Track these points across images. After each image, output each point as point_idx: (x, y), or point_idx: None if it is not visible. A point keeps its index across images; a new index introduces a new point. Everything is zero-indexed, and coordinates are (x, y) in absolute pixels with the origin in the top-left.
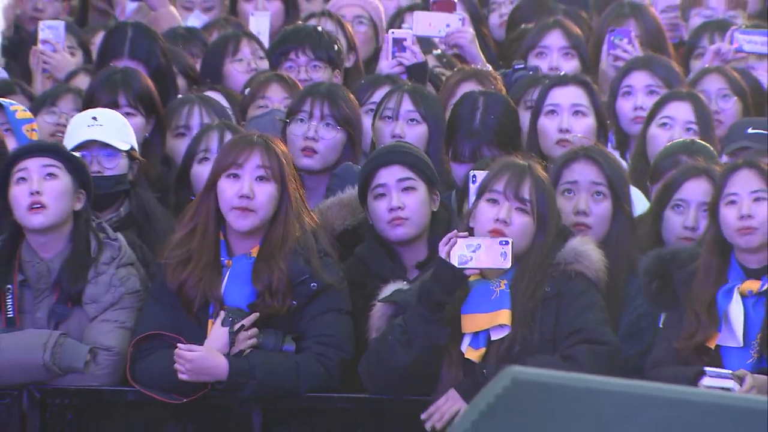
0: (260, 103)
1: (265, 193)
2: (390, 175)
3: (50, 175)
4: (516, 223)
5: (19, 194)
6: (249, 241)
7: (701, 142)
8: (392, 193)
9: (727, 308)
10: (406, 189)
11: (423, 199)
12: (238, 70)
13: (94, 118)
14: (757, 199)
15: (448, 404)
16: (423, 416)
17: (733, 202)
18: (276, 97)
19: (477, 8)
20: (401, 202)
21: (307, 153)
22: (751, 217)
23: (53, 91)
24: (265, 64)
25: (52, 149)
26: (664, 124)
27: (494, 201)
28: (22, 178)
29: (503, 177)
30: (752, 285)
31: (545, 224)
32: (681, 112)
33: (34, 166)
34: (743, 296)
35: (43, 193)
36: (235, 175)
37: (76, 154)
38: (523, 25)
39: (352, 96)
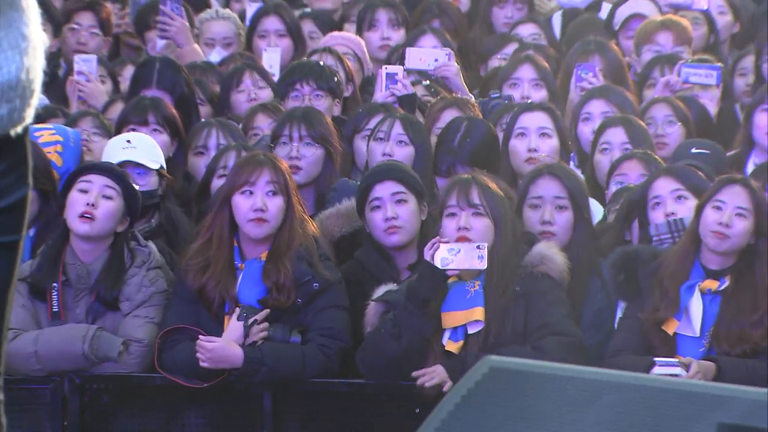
0: (252, 132)
1: (276, 206)
2: (385, 190)
3: (107, 195)
4: (476, 227)
5: (75, 201)
6: (259, 246)
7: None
8: (387, 205)
9: (688, 302)
10: (399, 201)
11: (414, 210)
12: (240, 100)
13: (129, 141)
14: (739, 214)
15: (437, 371)
16: (414, 374)
17: (718, 208)
18: (263, 125)
19: None
20: (395, 213)
21: (293, 170)
22: (729, 226)
23: (75, 115)
24: (265, 94)
25: (116, 173)
26: (604, 150)
27: (452, 214)
28: (84, 190)
29: (454, 191)
30: (711, 284)
31: (500, 223)
32: (616, 136)
33: (97, 182)
34: (703, 293)
35: (97, 208)
36: (249, 192)
37: (136, 186)
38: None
39: (325, 116)
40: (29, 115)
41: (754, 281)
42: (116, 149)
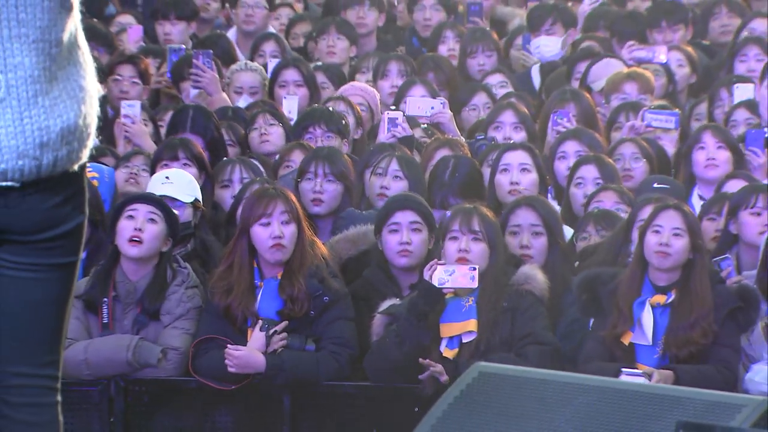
0: (286, 164)
1: (290, 232)
2: (404, 217)
3: (152, 219)
4: (474, 250)
5: (124, 227)
6: (276, 267)
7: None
8: (403, 230)
9: (641, 315)
10: (414, 230)
11: (424, 239)
12: (254, 137)
13: (167, 178)
14: (676, 234)
15: (440, 367)
16: (422, 361)
17: (657, 232)
18: (297, 160)
19: None
20: (409, 238)
21: (316, 203)
22: (668, 245)
23: (128, 153)
24: (275, 130)
25: (158, 201)
26: (578, 184)
27: (455, 238)
28: (131, 216)
29: (457, 218)
30: (660, 298)
31: (495, 248)
32: (589, 172)
33: (142, 209)
34: (653, 307)
35: (143, 231)
36: (267, 222)
37: (175, 211)
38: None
39: (346, 156)
40: (85, 155)
41: (694, 291)
42: (157, 185)
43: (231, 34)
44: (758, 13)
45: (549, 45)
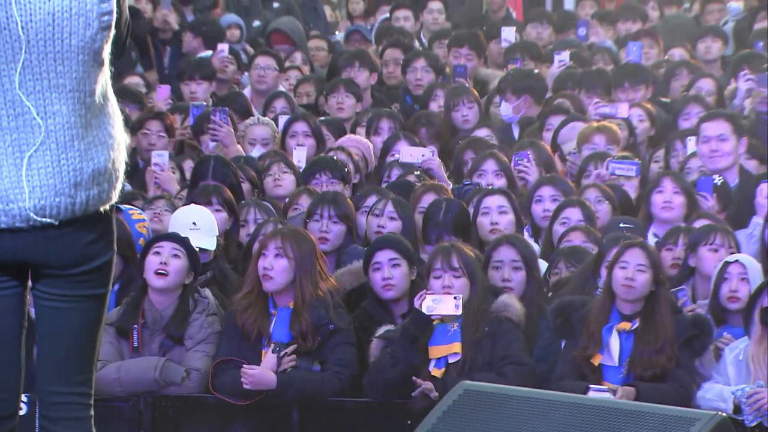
0: (295, 206)
1: (281, 266)
2: (383, 256)
3: (176, 255)
4: (456, 285)
5: (152, 262)
6: (285, 296)
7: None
8: (384, 267)
9: (608, 340)
10: (394, 265)
11: (405, 273)
12: (269, 182)
13: (194, 223)
14: (640, 270)
15: (430, 386)
16: (415, 379)
17: (624, 267)
18: (305, 203)
19: None
20: (390, 274)
21: (322, 241)
22: (633, 280)
23: (153, 197)
24: (287, 177)
25: (181, 239)
26: (563, 223)
27: (438, 276)
28: (157, 252)
29: (438, 257)
30: (625, 325)
31: (474, 280)
32: (573, 214)
33: (167, 246)
34: (619, 332)
35: (168, 265)
36: (264, 255)
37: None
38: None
39: (349, 200)
40: (115, 196)
41: (657, 320)
42: (184, 228)
43: (246, 92)
44: (704, 73)
45: (505, 110)
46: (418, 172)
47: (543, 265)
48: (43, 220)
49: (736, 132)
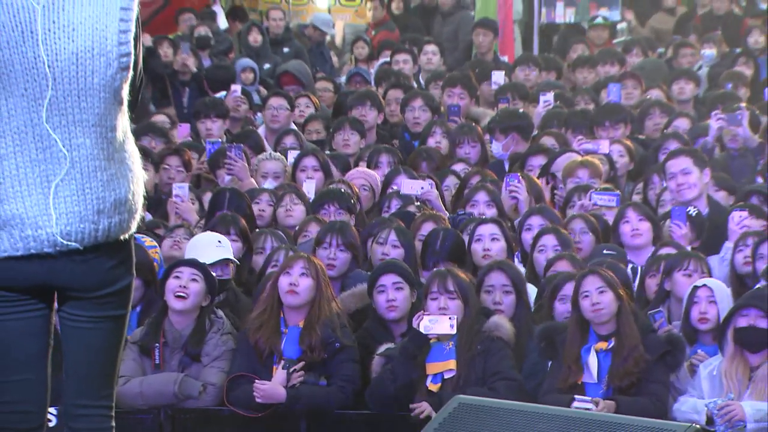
0: (304, 234)
1: (306, 283)
2: (388, 279)
3: (194, 279)
4: (451, 307)
5: (172, 285)
6: (297, 315)
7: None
8: (388, 290)
9: (587, 359)
10: (397, 288)
11: (407, 296)
12: (281, 212)
13: (219, 242)
14: (601, 291)
15: (425, 406)
16: (412, 406)
17: (587, 296)
18: (313, 231)
19: None
20: (394, 296)
21: (329, 268)
22: (599, 303)
23: (172, 227)
24: (298, 208)
25: (199, 265)
26: (541, 251)
27: (435, 298)
28: (177, 276)
29: (435, 281)
30: (602, 345)
31: (468, 302)
32: (549, 241)
33: (186, 271)
34: (597, 351)
35: (187, 289)
36: (288, 273)
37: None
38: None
39: (354, 229)
40: (134, 226)
41: (624, 330)
42: (210, 247)
43: (261, 130)
44: (681, 113)
45: (496, 148)
46: (419, 203)
47: (530, 288)
48: (69, 244)
49: (698, 164)
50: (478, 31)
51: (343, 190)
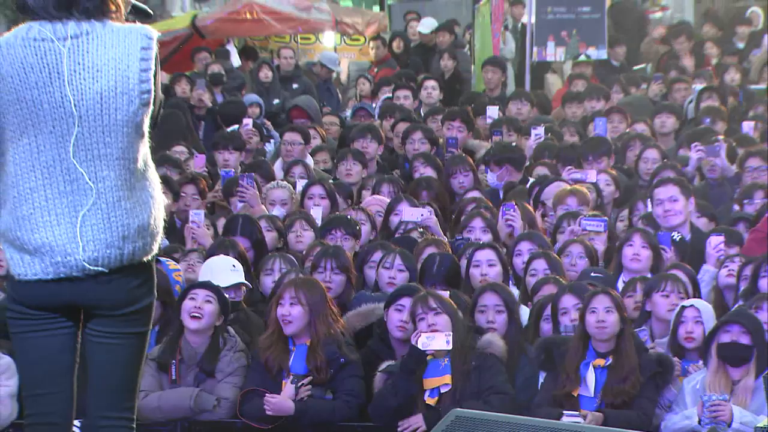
0: (310, 258)
1: (297, 311)
2: (408, 301)
3: (208, 300)
4: (439, 321)
5: (187, 306)
6: (303, 336)
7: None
8: (405, 311)
9: (585, 374)
10: None
11: None
12: (292, 237)
13: (234, 266)
14: (608, 311)
15: (415, 420)
16: (400, 423)
17: (594, 312)
18: None
19: None
20: (408, 318)
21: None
22: (603, 321)
23: (187, 251)
24: (308, 233)
25: (213, 287)
26: (532, 275)
27: (422, 318)
28: (192, 298)
29: (418, 304)
30: (600, 361)
31: (453, 317)
32: (539, 265)
33: (200, 293)
34: (595, 368)
35: (202, 309)
36: (280, 303)
37: (226, 295)
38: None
39: (347, 252)
40: (155, 249)
41: (623, 353)
42: (225, 271)
43: (278, 164)
44: (649, 144)
45: (491, 178)
46: (421, 229)
47: (524, 310)
48: (96, 269)
49: (684, 193)
50: (487, 68)
51: (349, 217)
